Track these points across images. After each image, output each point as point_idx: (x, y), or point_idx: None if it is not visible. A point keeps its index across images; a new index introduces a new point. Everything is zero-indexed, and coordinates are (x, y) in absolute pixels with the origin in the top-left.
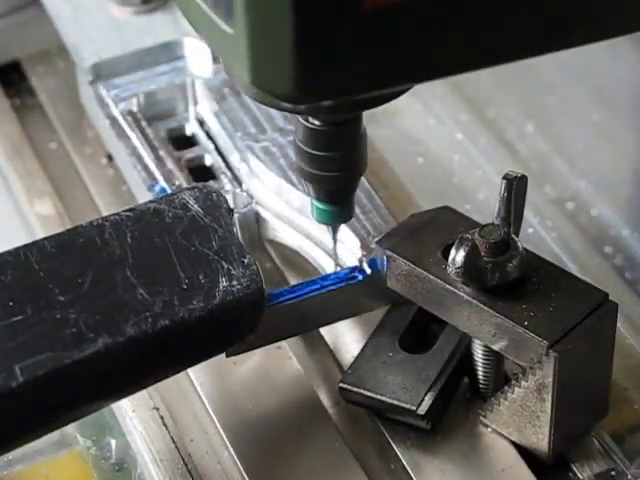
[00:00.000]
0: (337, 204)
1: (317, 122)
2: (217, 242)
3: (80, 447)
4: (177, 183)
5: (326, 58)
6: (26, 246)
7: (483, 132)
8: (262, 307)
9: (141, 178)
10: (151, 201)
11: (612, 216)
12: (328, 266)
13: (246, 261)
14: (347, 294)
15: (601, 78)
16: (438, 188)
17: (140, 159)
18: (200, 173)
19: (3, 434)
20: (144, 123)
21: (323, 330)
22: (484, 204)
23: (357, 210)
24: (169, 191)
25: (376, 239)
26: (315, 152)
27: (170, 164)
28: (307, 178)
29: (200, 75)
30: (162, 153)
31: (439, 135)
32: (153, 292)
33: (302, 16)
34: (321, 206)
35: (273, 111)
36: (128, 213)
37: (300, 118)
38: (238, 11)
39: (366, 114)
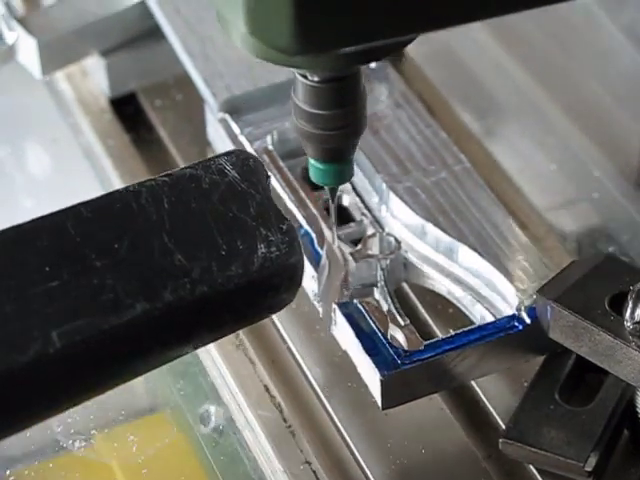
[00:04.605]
0: (337, 163)
1: (315, 78)
2: (255, 208)
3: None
4: (321, 227)
5: (325, 6)
6: (62, 211)
7: (619, 176)
8: (301, 273)
9: None
10: (187, 166)
11: None
12: (478, 312)
13: (284, 227)
14: (505, 344)
15: None
16: (582, 229)
17: (280, 201)
18: (338, 214)
19: (39, 401)
20: (281, 162)
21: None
22: (629, 246)
23: (509, 254)
24: (313, 236)
25: (537, 288)
26: (313, 110)
27: (311, 206)
28: (305, 136)
29: None
30: (302, 194)
31: (576, 174)
32: (191, 258)
33: None
34: (320, 166)
35: (414, 149)
36: (164, 179)
37: (298, 75)
38: None
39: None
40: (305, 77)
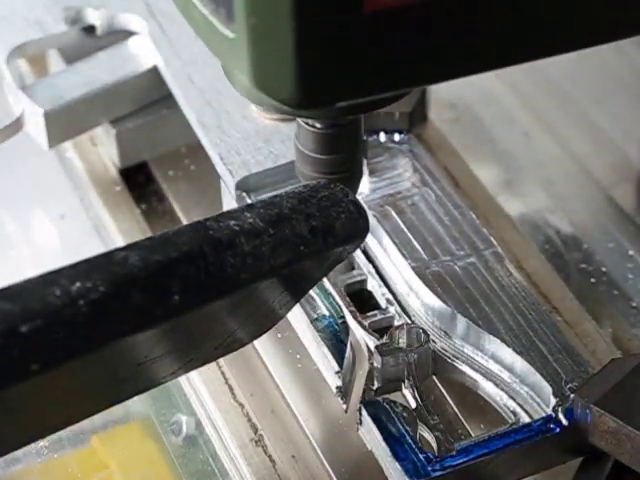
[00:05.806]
0: None
1: (318, 125)
2: None
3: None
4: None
5: (327, 62)
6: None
7: None
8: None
9: (304, 311)
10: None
11: None
12: (510, 407)
13: None
14: (541, 447)
15: None
16: (615, 309)
17: None
18: (361, 299)
19: None
20: None
21: None
22: None
23: (542, 347)
24: (336, 326)
25: (573, 387)
26: (315, 155)
27: (333, 291)
28: (307, 180)
29: None
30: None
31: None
32: None
33: (303, 21)
34: None
35: (442, 232)
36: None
37: (300, 121)
38: (239, 16)
39: None
40: (307, 123)
